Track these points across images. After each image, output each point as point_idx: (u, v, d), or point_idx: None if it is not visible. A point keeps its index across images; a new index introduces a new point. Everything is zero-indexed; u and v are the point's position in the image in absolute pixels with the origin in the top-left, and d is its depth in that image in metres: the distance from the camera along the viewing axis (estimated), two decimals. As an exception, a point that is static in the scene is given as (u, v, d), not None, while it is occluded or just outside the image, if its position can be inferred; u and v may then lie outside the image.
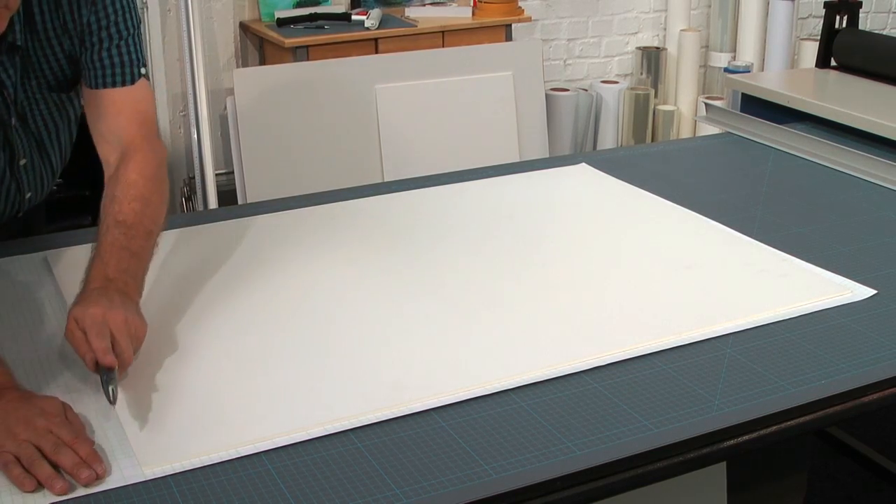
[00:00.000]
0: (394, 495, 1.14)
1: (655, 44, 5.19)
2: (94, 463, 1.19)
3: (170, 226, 1.91)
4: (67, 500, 1.14)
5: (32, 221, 1.99)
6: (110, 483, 1.17)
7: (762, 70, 4.91)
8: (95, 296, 1.42)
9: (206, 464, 1.20)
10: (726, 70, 4.79)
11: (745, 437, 1.29)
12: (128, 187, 1.63)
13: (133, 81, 1.75)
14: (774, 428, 1.31)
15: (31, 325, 1.55)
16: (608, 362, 1.42)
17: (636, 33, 5.17)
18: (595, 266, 1.74)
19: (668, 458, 1.25)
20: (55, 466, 1.18)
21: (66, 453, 1.19)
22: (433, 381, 1.37)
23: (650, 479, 1.25)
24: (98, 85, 1.73)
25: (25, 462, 1.18)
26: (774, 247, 1.80)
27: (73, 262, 1.75)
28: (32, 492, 1.16)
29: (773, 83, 2.77)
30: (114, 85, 1.73)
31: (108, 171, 1.71)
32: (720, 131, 2.55)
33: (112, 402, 1.30)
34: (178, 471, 1.19)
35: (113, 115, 1.73)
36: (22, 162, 1.81)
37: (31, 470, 1.18)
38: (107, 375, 1.31)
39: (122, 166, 1.67)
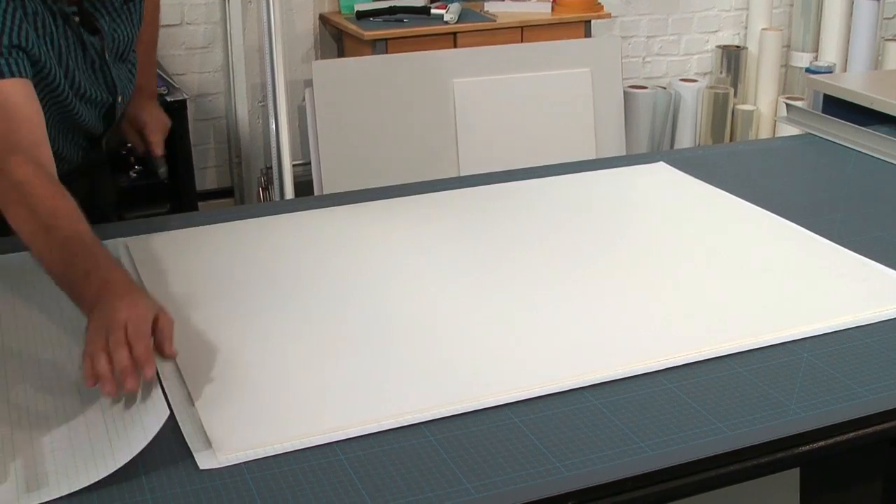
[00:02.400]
0: (464, 489, 1.14)
1: (736, 42, 5.14)
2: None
3: (247, 215, 1.93)
4: (142, 481, 1.16)
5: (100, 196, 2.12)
6: (185, 468, 1.18)
7: (845, 71, 4.85)
8: (146, 102, 2.08)
9: (279, 452, 1.21)
10: (808, 70, 4.73)
11: (821, 444, 1.27)
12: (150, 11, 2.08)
13: None
14: (851, 435, 1.29)
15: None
16: (682, 363, 1.41)
17: (716, 31, 5.13)
18: (671, 266, 1.72)
19: (741, 461, 1.23)
20: None
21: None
22: (506, 376, 1.37)
23: (722, 482, 1.24)
24: None
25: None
26: (854, 250, 1.77)
27: (151, 248, 1.77)
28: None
29: (856, 84, 2.73)
30: None
31: None
32: (800, 132, 2.52)
33: (165, 178, 2.01)
34: (251, 458, 1.20)
35: None
36: (120, 98, 1.92)
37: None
38: (156, 162, 2.00)
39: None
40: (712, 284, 1.65)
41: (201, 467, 1.18)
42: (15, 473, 1.17)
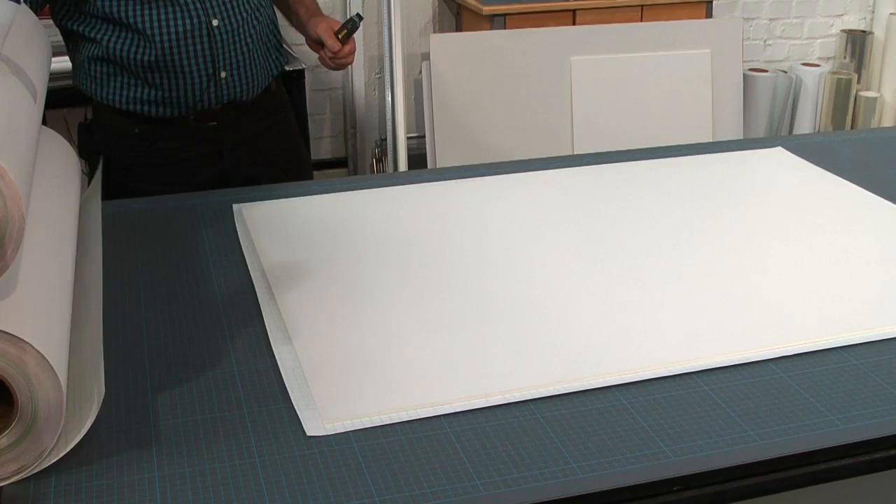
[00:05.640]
0: (570, 469, 1.14)
1: (862, 27, 5.02)
2: None
3: (360, 186, 1.95)
4: (251, 445, 1.18)
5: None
6: (294, 434, 1.20)
7: (975, 59, 4.71)
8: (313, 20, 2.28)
9: (385, 423, 1.22)
10: (936, 58, 4.61)
11: (938, 442, 1.24)
12: None
13: None
14: (971, 434, 1.26)
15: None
16: (796, 352, 1.38)
17: (842, 15, 5.01)
18: (787, 253, 1.69)
19: (852, 456, 1.21)
20: None
21: None
22: (616, 357, 1.36)
23: (832, 476, 1.21)
24: None
25: None
26: (980, 245, 1.72)
27: (265, 214, 1.80)
28: None
29: None
30: None
31: None
32: (927, 122, 2.46)
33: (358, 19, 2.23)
34: (358, 427, 1.21)
35: None
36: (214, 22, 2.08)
37: None
38: (352, 25, 2.22)
39: None
40: (829, 273, 1.62)
41: (309, 434, 1.20)
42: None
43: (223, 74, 2.11)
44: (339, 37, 2.21)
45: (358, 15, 2.25)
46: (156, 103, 2.10)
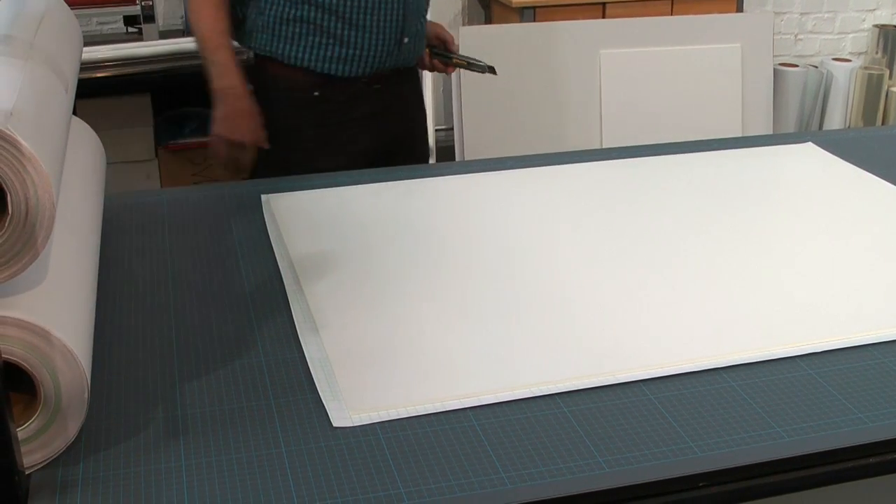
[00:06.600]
0: (595, 463, 1.14)
1: (894, 22, 4.98)
2: None
3: (388, 177, 1.95)
4: (277, 435, 1.18)
5: None
6: (320, 425, 1.20)
7: None
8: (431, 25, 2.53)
9: (412, 415, 1.22)
10: (969, 54, 4.58)
11: (967, 443, 1.23)
12: None
13: None
14: None
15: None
16: (824, 349, 1.37)
17: (874, 10, 4.98)
18: (816, 249, 1.68)
19: (880, 454, 1.20)
20: None
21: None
22: (643, 352, 1.35)
23: (859, 474, 1.20)
24: None
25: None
26: None
27: (292, 205, 1.80)
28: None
29: None
30: None
31: None
32: (959, 118, 2.44)
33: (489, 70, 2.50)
34: (385, 419, 1.21)
35: None
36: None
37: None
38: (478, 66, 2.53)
39: None
40: (858, 270, 1.61)
41: (335, 425, 1.20)
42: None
43: (406, 40, 2.28)
44: (454, 60, 2.47)
45: (492, 69, 2.44)
46: (343, 61, 2.24)
